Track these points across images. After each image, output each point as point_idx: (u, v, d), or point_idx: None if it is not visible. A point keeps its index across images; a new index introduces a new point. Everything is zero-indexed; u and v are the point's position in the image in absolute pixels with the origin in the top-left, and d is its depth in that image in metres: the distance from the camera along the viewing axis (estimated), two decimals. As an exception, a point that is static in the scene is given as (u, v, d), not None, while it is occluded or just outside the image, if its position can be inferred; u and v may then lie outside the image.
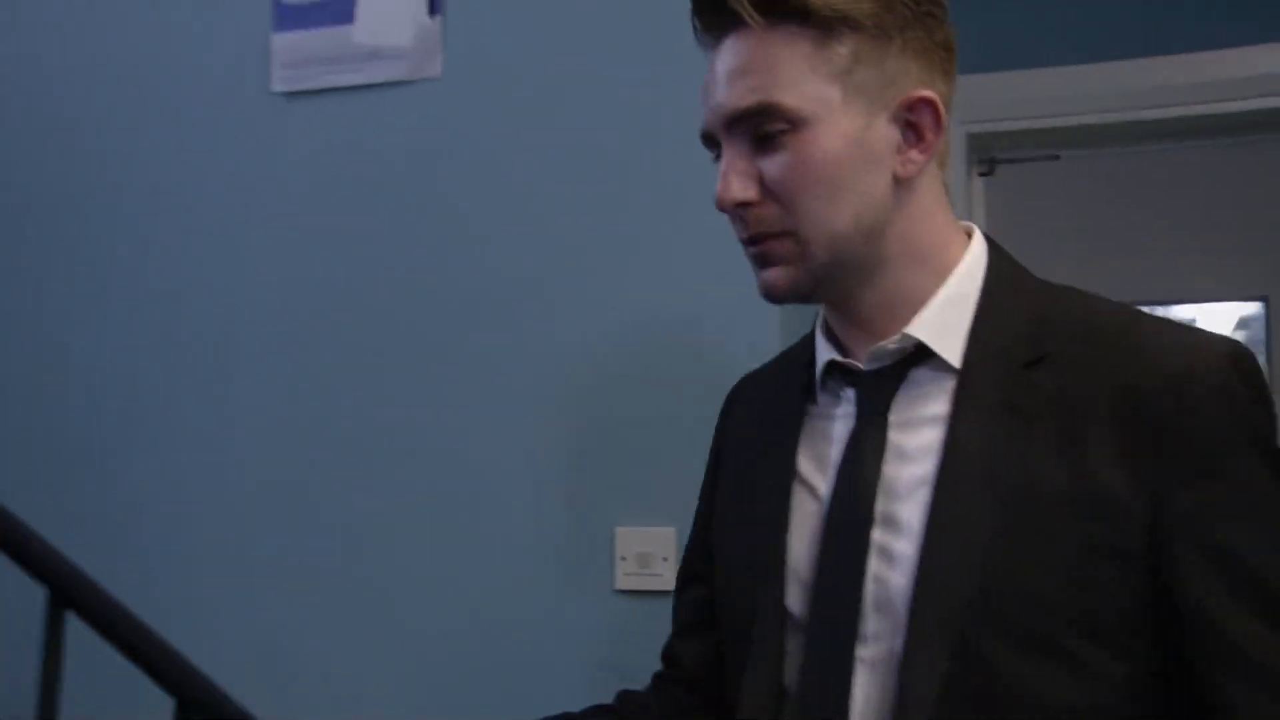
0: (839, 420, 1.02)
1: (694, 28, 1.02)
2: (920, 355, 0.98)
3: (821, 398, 1.05)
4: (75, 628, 1.26)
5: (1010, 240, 1.04)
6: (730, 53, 0.97)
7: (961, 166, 2.83)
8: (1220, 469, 0.88)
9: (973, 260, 1.00)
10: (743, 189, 0.96)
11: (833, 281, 0.99)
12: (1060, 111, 2.72)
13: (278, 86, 2.18)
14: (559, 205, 2.04)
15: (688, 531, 1.50)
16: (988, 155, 2.98)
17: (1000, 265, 1.01)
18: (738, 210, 0.97)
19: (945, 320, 0.96)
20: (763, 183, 0.96)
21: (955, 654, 0.89)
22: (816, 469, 1.02)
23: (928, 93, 0.97)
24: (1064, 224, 3.95)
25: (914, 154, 0.97)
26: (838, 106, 0.94)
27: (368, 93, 2.15)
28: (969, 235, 1.04)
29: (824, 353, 1.04)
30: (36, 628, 1.34)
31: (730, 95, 0.96)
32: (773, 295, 0.99)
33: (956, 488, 0.91)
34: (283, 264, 2.15)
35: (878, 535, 0.94)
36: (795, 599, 1.00)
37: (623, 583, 1.97)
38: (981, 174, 3.03)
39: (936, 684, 0.89)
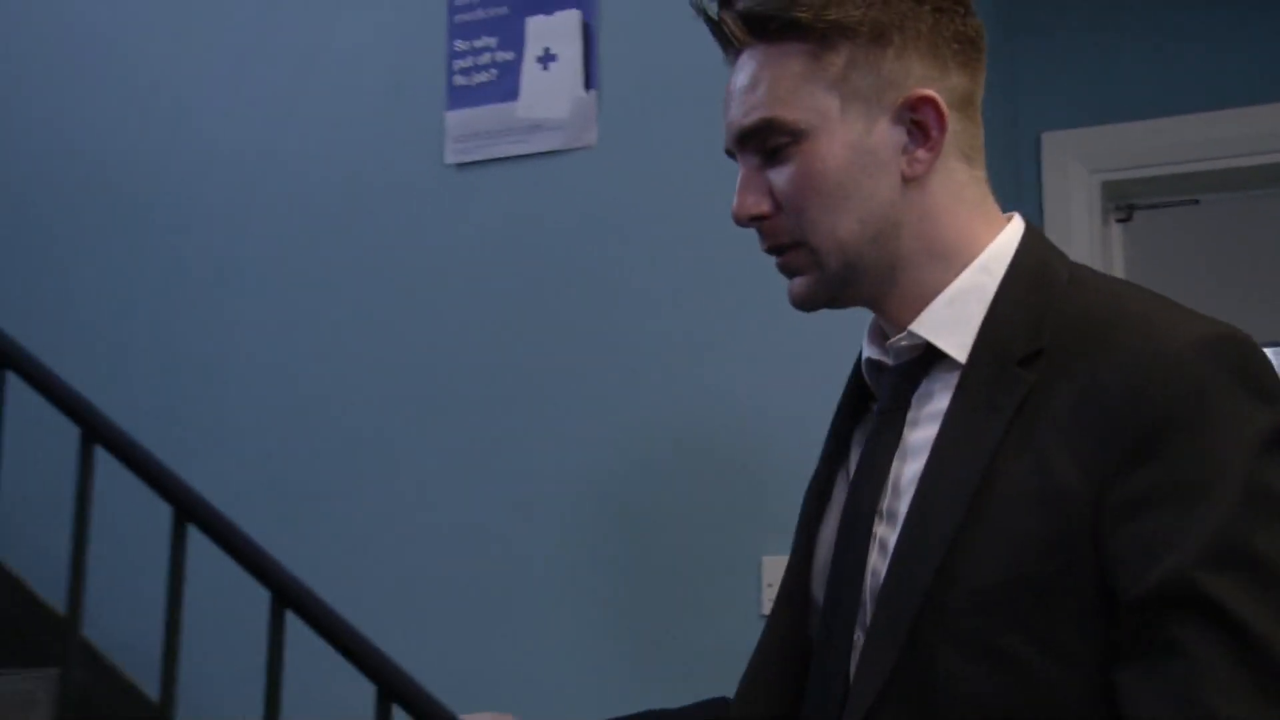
0: (877, 416, 1.02)
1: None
2: (934, 351, 0.96)
3: (878, 391, 1.04)
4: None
5: (1149, 284, 0.96)
6: (739, 71, 0.99)
7: (1098, 213, 2.91)
8: (1167, 448, 0.82)
9: (994, 252, 0.97)
10: (755, 203, 0.98)
11: (854, 287, 0.98)
12: (1199, 157, 2.79)
13: (450, 159, 2.43)
14: (708, 262, 2.22)
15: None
16: (1125, 202, 3.05)
17: (1028, 256, 0.97)
18: (753, 224, 0.99)
19: (954, 315, 0.95)
20: (773, 196, 0.97)
21: (902, 648, 0.87)
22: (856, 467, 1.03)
23: (927, 91, 0.95)
24: (1203, 268, 3.95)
25: (921, 153, 0.96)
26: (836, 115, 0.95)
27: (529, 161, 2.37)
28: (1007, 222, 1.01)
29: (865, 350, 1.04)
30: (254, 625, 1.56)
31: (737, 113, 0.98)
32: (798, 305, 1.00)
33: (935, 485, 0.90)
34: (458, 316, 2.37)
35: (879, 529, 0.94)
36: (818, 586, 1.01)
37: (769, 609, 2.10)
38: (1119, 220, 3.09)
39: (883, 672, 0.88)
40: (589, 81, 2.34)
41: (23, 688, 2.41)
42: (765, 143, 0.97)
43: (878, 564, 0.93)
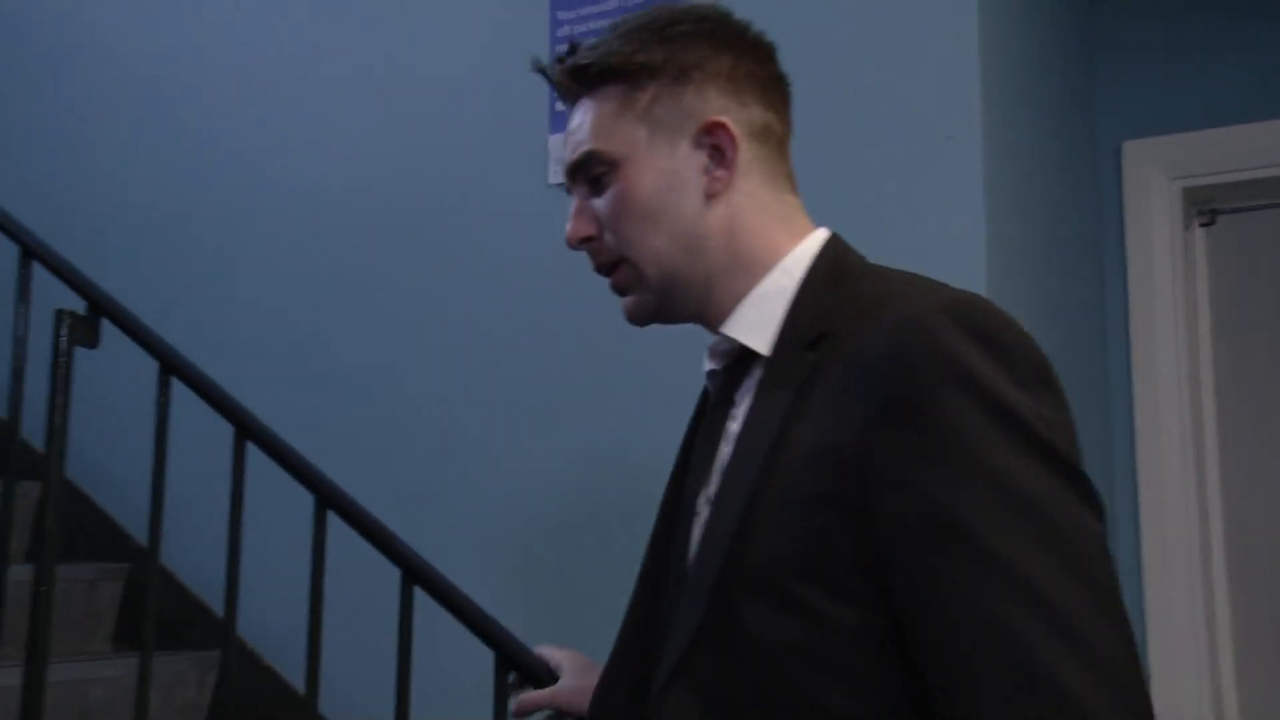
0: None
1: None
2: (749, 350, 1.06)
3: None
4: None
5: (1234, 287, 0.96)
6: (570, 118, 1.12)
7: (1179, 219, 2.99)
8: (917, 415, 0.89)
9: (796, 256, 1.07)
10: (583, 227, 1.10)
11: (676, 299, 1.09)
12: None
13: (554, 179, 2.62)
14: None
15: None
16: (1208, 206, 3.12)
17: (824, 259, 1.06)
18: (583, 246, 1.10)
19: (759, 315, 1.04)
20: (598, 221, 1.09)
21: (709, 604, 0.96)
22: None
23: (720, 118, 1.06)
24: (1290, 270, 3.96)
25: (719, 172, 1.07)
26: (644, 144, 1.07)
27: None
28: (810, 233, 1.11)
29: (706, 362, 1.13)
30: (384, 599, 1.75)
31: (567, 152, 1.11)
32: (631, 320, 1.11)
33: (738, 461, 1.00)
34: (562, 326, 2.56)
35: (701, 509, 1.05)
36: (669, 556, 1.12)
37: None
38: (1203, 224, 3.17)
39: (692, 626, 0.97)
40: (681, 105, 2.50)
41: (178, 668, 2.66)
42: (589, 174, 1.09)
43: (698, 540, 1.03)
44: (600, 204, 1.09)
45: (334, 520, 1.91)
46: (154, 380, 2.03)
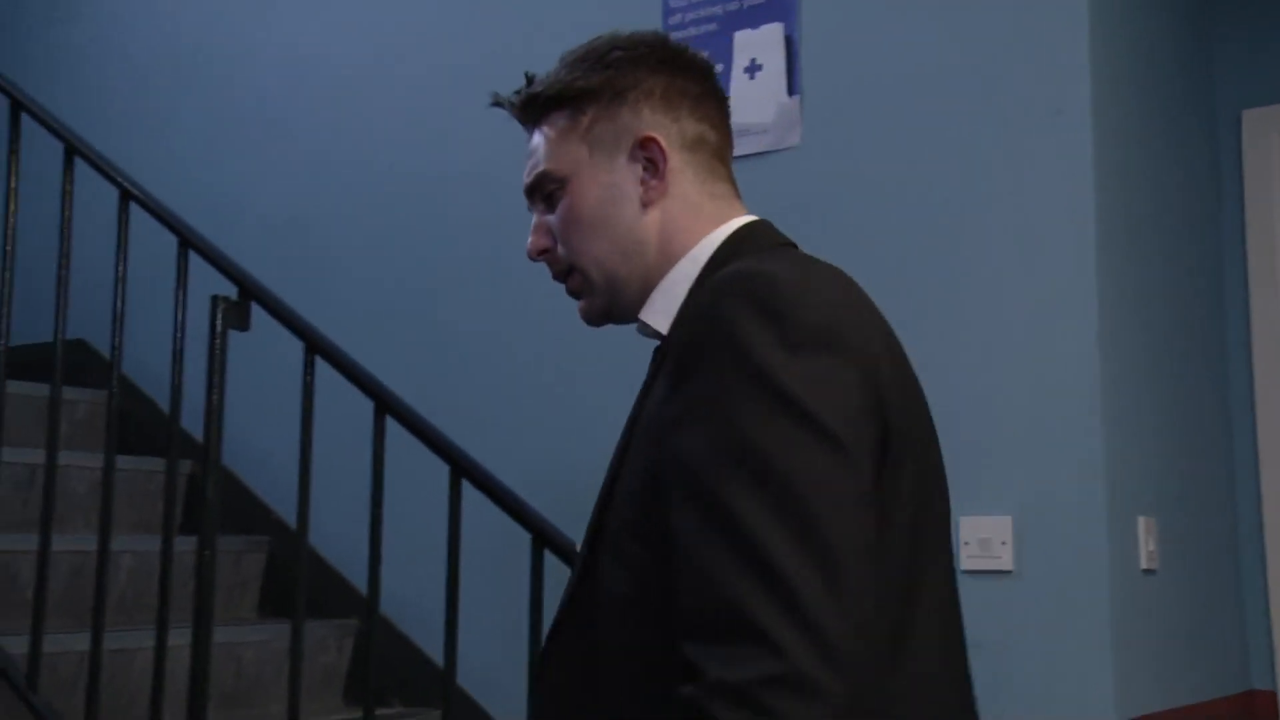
0: None
1: None
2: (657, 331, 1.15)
3: None
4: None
5: None
6: (528, 143, 1.22)
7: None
8: (693, 373, 0.97)
9: (705, 243, 1.14)
10: (540, 241, 1.20)
11: (622, 299, 1.17)
12: None
13: (668, 163, 2.70)
14: (910, 251, 2.42)
15: (1024, 519, 1.79)
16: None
17: (731, 242, 1.13)
18: (541, 258, 1.20)
19: (666, 301, 1.13)
20: (552, 234, 1.19)
21: (582, 564, 1.08)
22: None
23: (650, 133, 1.15)
24: None
25: (654, 182, 1.15)
26: (587, 161, 1.16)
27: (738, 164, 2.61)
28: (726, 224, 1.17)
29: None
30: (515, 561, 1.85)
31: (525, 175, 1.21)
32: (585, 320, 1.21)
33: (622, 439, 1.10)
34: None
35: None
36: None
37: (967, 564, 2.30)
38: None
39: (569, 592, 1.09)
40: (792, 88, 2.57)
41: (320, 635, 2.82)
42: (543, 192, 1.19)
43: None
44: (553, 219, 1.18)
45: (468, 490, 2.02)
46: (296, 361, 2.16)
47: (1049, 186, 2.27)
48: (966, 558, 2.30)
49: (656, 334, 1.14)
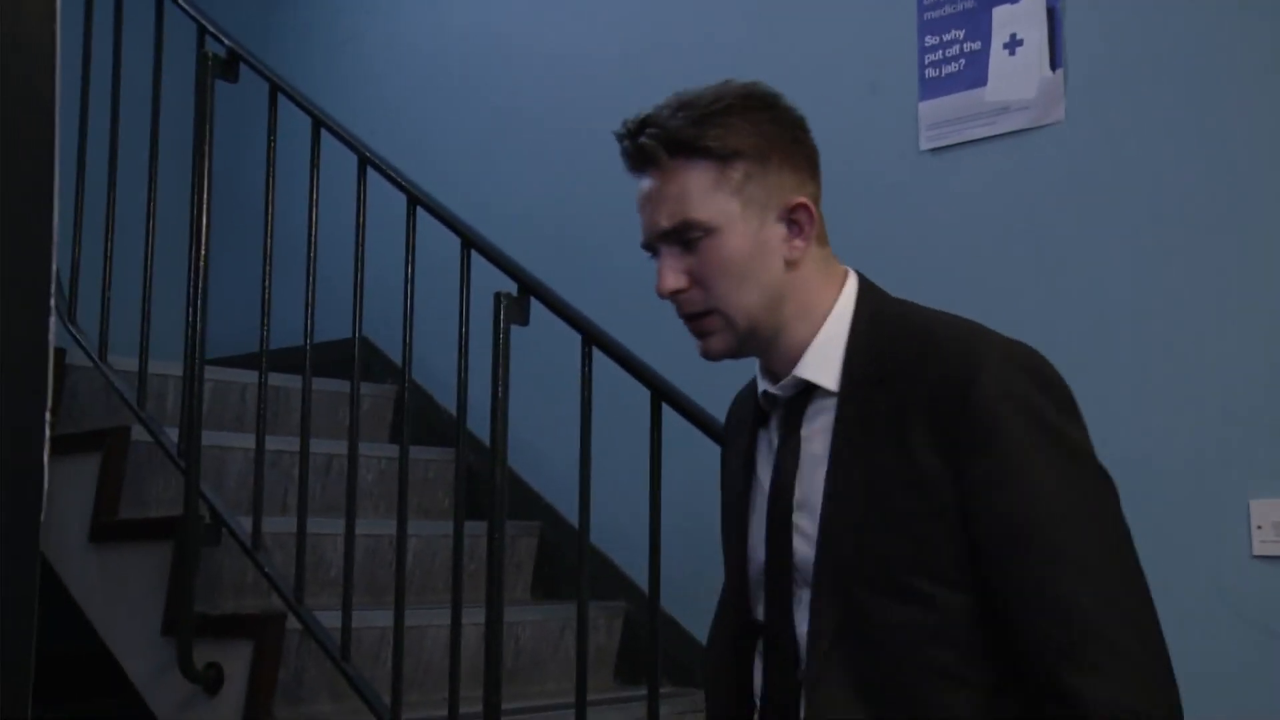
0: (777, 434, 1.33)
1: (623, 161, 1.33)
2: (812, 385, 1.29)
3: (771, 418, 1.35)
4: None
5: None
6: (653, 183, 1.28)
7: None
8: (994, 441, 1.16)
9: (842, 305, 1.30)
10: (675, 281, 1.28)
11: (752, 343, 1.29)
12: None
13: (925, 145, 2.68)
14: (1176, 224, 2.33)
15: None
16: None
17: (864, 305, 1.30)
18: (673, 297, 1.28)
19: (823, 357, 1.28)
20: (690, 275, 1.27)
21: (843, 603, 1.21)
22: (765, 471, 1.33)
23: (802, 198, 1.28)
24: None
25: (797, 243, 1.28)
26: (738, 216, 1.25)
27: (999, 141, 2.58)
28: (845, 280, 1.32)
29: (761, 384, 1.34)
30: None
31: (660, 217, 1.27)
32: (710, 357, 1.31)
33: (835, 486, 1.23)
34: (936, 290, 2.62)
35: (796, 519, 1.27)
36: (755, 565, 1.33)
37: (1259, 549, 2.20)
38: None
39: (833, 624, 1.21)
40: (1054, 62, 2.51)
41: (590, 616, 2.92)
42: (682, 237, 1.26)
43: (800, 546, 1.26)
44: (694, 263, 1.26)
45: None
46: (565, 354, 2.26)
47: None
48: (1259, 542, 2.20)
49: (803, 385, 1.28)
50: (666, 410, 2.18)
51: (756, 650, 1.34)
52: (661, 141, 1.27)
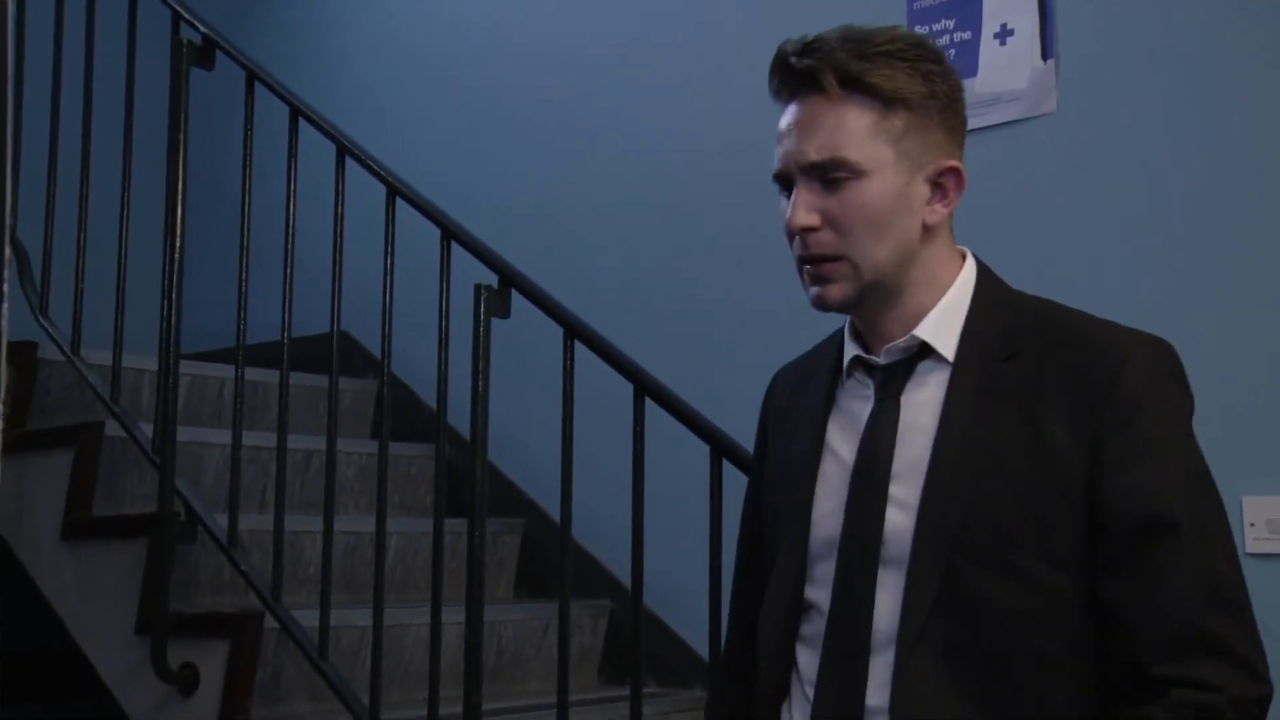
0: (861, 402, 1.27)
1: (771, 84, 1.26)
2: (922, 352, 1.23)
3: (848, 384, 1.29)
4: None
5: None
6: (807, 111, 1.22)
7: None
8: (1138, 420, 1.14)
9: (965, 278, 1.26)
10: (808, 217, 1.21)
11: (871, 298, 1.23)
12: None
13: (914, 137, 2.64)
14: (1175, 217, 2.30)
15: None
16: None
17: (985, 282, 1.27)
18: (802, 235, 1.22)
19: (943, 324, 1.23)
20: (825, 215, 1.21)
21: (943, 575, 1.15)
22: (842, 439, 1.27)
23: (955, 162, 1.23)
24: None
25: (939, 207, 1.23)
26: (890, 165, 1.19)
27: (990, 133, 2.54)
28: (964, 257, 1.28)
29: (851, 349, 1.29)
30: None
31: (808, 148, 1.20)
32: (824, 306, 1.24)
33: (946, 453, 1.18)
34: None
35: (895, 489, 1.20)
36: (820, 539, 1.26)
37: (1253, 547, 2.16)
38: None
39: (930, 597, 1.15)
40: (1046, 52, 2.47)
41: (574, 615, 2.87)
42: (826, 174, 1.20)
43: (894, 516, 1.20)
44: (833, 203, 1.20)
45: (728, 469, 2.03)
46: (548, 348, 2.21)
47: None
48: (1252, 540, 2.17)
49: (920, 349, 1.23)
50: (650, 405, 2.14)
51: (801, 635, 1.27)
52: (830, 67, 1.20)
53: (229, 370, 2.69)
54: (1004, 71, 2.52)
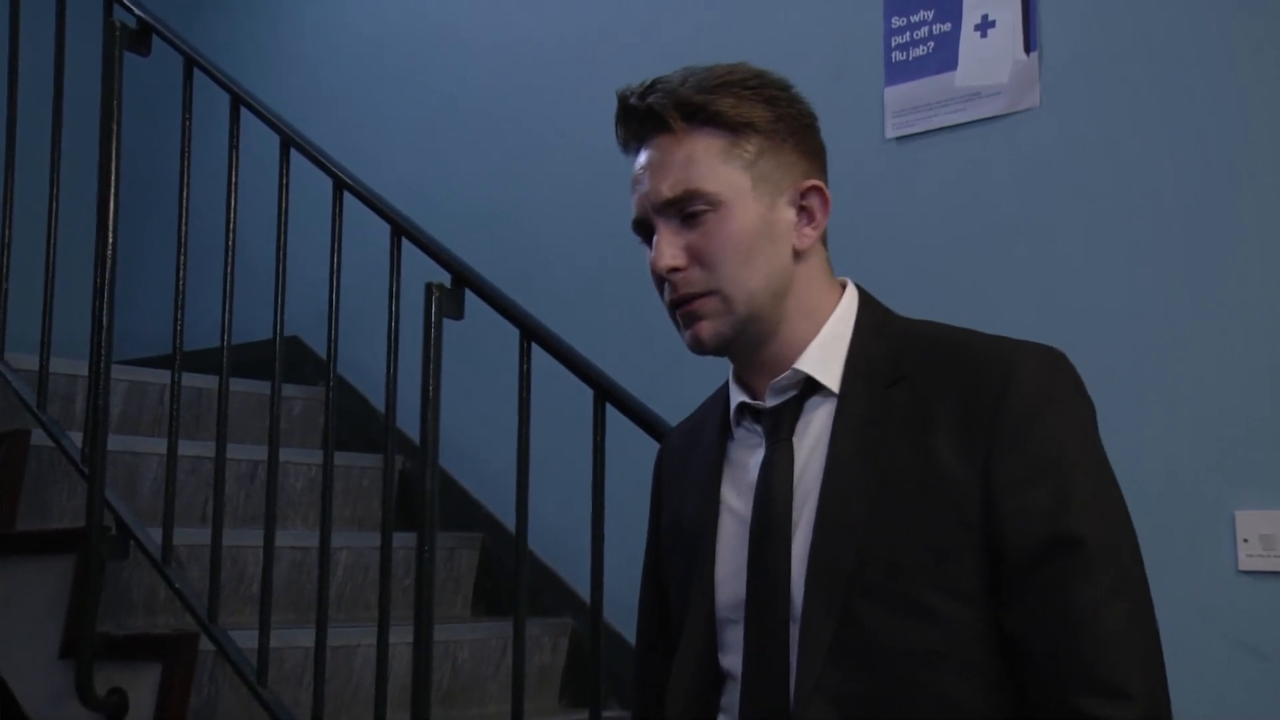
0: (752, 451, 1.20)
1: (618, 137, 1.23)
2: (809, 387, 1.17)
3: (737, 434, 1.23)
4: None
5: None
6: (656, 151, 1.17)
7: None
8: (1029, 436, 1.08)
9: (845, 307, 1.20)
10: (673, 257, 1.15)
11: (747, 334, 1.17)
12: None
13: (891, 133, 2.52)
14: (1163, 218, 2.19)
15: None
16: None
17: (867, 310, 1.21)
18: (670, 275, 1.16)
19: (826, 356, 1.17)
20: (689, 252, 1.15)
21: (839, 620, 1.08)
22: (736, 495, 1.20)
23: (817, 181, 1.19)
24: None
25: (808, 230, 1.18)
26: (748, 191, 1.15)
27: (970, 129, 2.43)
28: (843, 287, 1.23)
29: (736, 396, 1.22)
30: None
31: (661, 186, 1.16)
32: (700, 347, 1.18)
33: (835, 487, 1.12)
34: (903, 281, 2.46)
35: (796, 539, 1.13)
36: (725, 603, 1.18)
37: (1246, 564, 2.05)
38: None
39: (824, 644, 1.08)
40: (1029, 44, 2.36)
41: (533, 633, 2.75)
42: (684, 209, 1.15)
43: (796, 564, 1.12)
44: (696, 238, 1.15)
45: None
46: (508, 351, 2.08)
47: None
48: (1245, 556, 2.06)
49: (805, 384, 1.17)
50: (611, 411, 2.01)
51: (721, 706, 1.19)
52: (672, 103, 1.16)
53: (169, 376, 2.54)
54: (985, 65, 2.41)
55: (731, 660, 1.17)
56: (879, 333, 1.19)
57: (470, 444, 3.04)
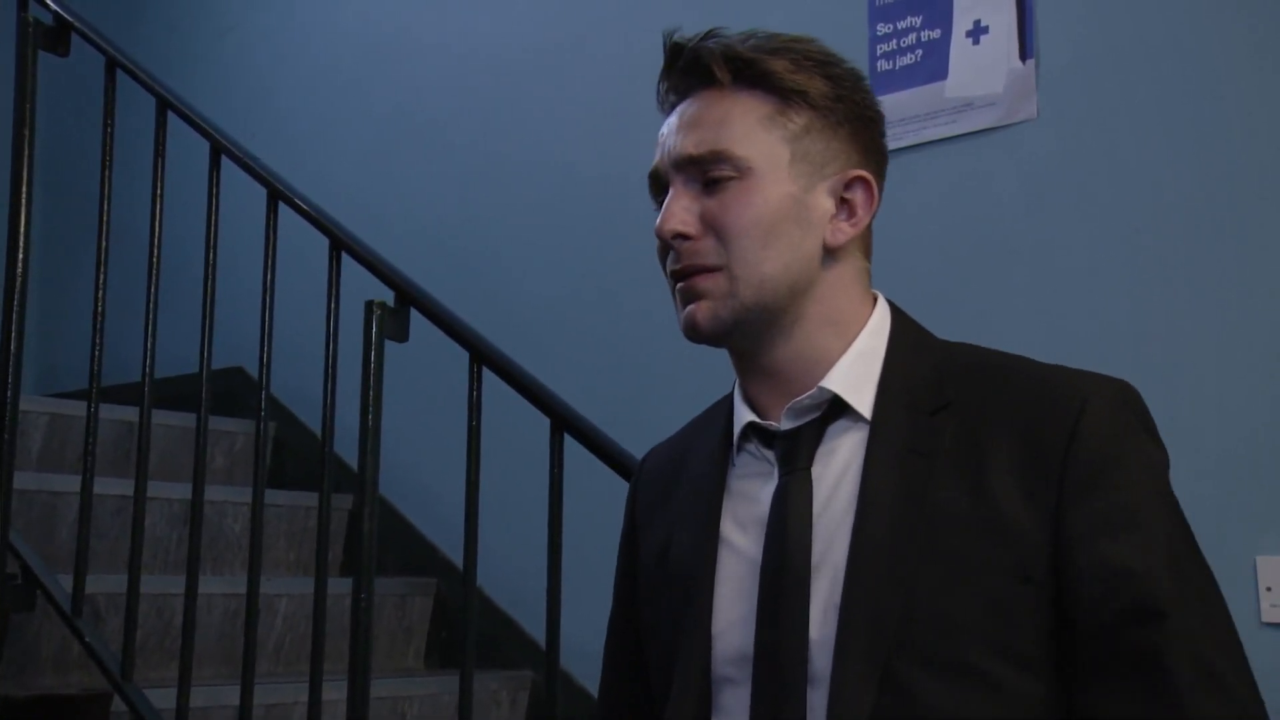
0: (759, 480, 1.05)
1: (659, 91, 1.09)
2: (834, 410, 1.02)
3: (739, 460, 1.08)
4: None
5: None
6: (693, 106, 1.05)
7: None
8: (1105, 482, 0.94)
9: (877, 321, 1.06)
10: (683, 222, 1.02)
11: (752, 327, 1.02)
12: None
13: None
14: (1166, 234, 2.03)
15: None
16: None
17: (902, 326, 1.07)
18: (675, 241, 1.02)
19: (856, 374, 1.02)
20: (703, 220, 1.02)
21: (881, 685, 0.92)
22: (740, 530, 1.05)
23: (864, 172, 1.04)
24: None
25: (845, 225, 1.03)
26: (784, 166, 1.01)
27: (962, 141, 2.27)
28: (875, 300, 1.09)
29: (742, 415, 1.07)
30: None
31: (686, 141, 1.03)
32: (694, 332, 1.03)
33: (872, 530, 0.96)
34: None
35: (816, 586, 0.98)
36: (725, 658, 1.02)
37: (1269, 615, 1.87)
38: None
39: (863, 716, 0.92)
40: (1025, 52, 2.20)
41: (490, 687, 2.56)
42: (707, 172, 1.02)
43: (821, 621, 0.96)
44: (714, 205, 1.02)
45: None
46: (462, 376, 1.89)
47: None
48: (1268, 607, 1.88)
49: (822, 410, 1.02)
50: (570, 443, 1.81)
51: None
52: (722, 54, 1.04)
53: (103, 410, 2.33)
54: (978, 73, 2.25)
55: None
56: (918, 351, 1.05)
57: (423, 481, 2.84)
